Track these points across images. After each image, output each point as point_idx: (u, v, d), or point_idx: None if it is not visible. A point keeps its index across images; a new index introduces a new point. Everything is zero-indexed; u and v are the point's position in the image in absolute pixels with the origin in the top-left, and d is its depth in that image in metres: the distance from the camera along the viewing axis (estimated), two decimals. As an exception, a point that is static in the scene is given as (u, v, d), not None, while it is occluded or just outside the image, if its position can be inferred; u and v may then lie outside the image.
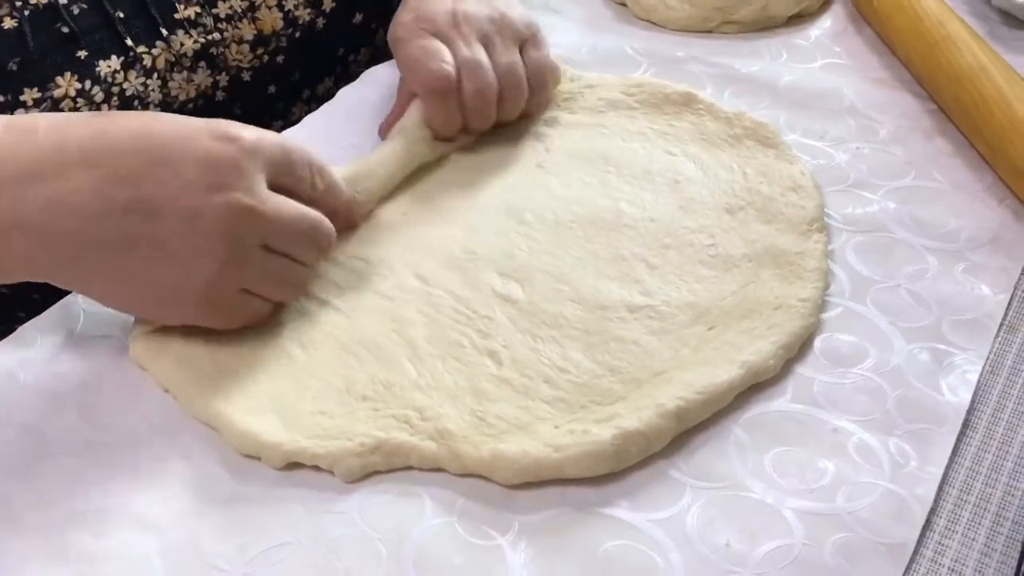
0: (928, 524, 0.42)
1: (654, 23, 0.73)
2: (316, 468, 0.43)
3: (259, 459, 0.43)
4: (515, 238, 0.52)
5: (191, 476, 0.43)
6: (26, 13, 0.55)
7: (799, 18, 0.74)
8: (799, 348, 0.48)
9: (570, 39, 0.71)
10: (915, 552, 0.41)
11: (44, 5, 0.55)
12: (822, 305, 0.50)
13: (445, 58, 0.56)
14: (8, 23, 0.54)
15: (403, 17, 0.59)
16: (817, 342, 0.49)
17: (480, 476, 0.43)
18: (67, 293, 0.50)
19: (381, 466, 0.43)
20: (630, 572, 0.40)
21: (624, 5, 0.75)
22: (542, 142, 0.60)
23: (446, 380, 0.45)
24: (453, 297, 0.49)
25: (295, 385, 0.45)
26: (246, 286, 0.46)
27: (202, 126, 0.44)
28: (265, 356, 0.46)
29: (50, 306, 0.50)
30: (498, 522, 0.41)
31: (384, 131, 0.59)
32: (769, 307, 0.49)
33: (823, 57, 0.70)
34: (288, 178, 0.47)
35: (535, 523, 0.41)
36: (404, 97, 0.59)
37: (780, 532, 0.41)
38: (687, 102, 0.61)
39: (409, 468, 0.43)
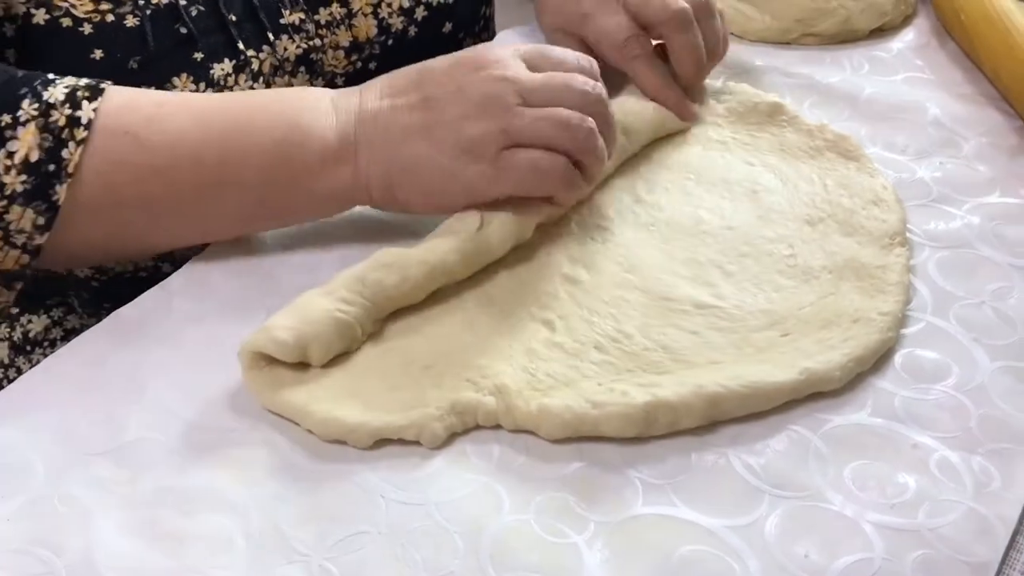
0: (1016, 545, 0.41)
1: (732, 34, 0.73)
2: (401, 442, 0.44)
3: (344, 443, 0.44)
4: (592, 231, 0.53)
5: (274, 462, 0.44)
6: (148, 12, 0.56)
7: (881, 31, 0.74)
8: (879, 362, 0.48)
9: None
10: (998, 572, 0.40)
11: (165, 5, 0.56)
12: (903, 320, 0.50)
13: None
14: (131, 21, 0.55)
15: None
16: (898, 357, 0.49)
17: (530, 432, 0.44)
18: (154, 283, 0.52)
19: (459, 427, 0.44)
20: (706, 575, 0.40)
21: (702, 15, 0.75)
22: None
23: (500, 343, 0.47)
24: (517, 278, 0.50)
25: (363, 369, 0.46)
26: (516, 139, 0.49)
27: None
28: None
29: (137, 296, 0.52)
30: (575, 521, 0.42)
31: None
32: (848, 319, 0.48)
33: (906, 70, 0.69)
34: (549, 64, 0.51)
35: (612, 524, 0.42)
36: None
37: (860, 545, 0.41)
38: (773, 113, 0.61)
39: (478, 428, 0.45)
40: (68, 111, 0.48)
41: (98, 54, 0.55)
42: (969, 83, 0.68)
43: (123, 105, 0.50)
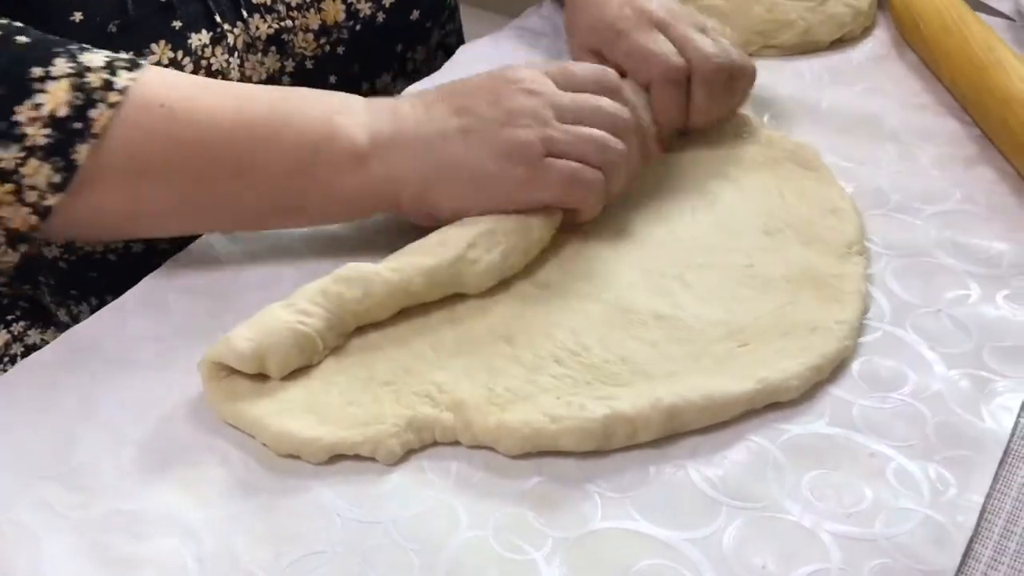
0: (972, 553, 0.42)
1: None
2: (358, 458, 0.44)
3: (298, 458, 0.44)
4: (552, 244, 0.53)
5: (228, 481, 0.43)
6: None
7: (841, 42, 0.74)
8: (837, 371, 0.48)
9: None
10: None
11: None
12: (861, 329, 0.50)
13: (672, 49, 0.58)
14: None
15: (620, 11, 0.60)
16: (855, 365, 0.49)
17: (489, 448, 0.44)
18: (125, 265, 0.51)
19: (415, 443, 0.44)
20: (664, 591, 0.40)
21: (665, 28, 0.76)
22: None
23: (460, 360, 0.47)
24: (481, 297, 0.50)
25: (322, 384, 0.46)
26: (554, 150, 0.50)
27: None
28: None
29: (98, 310, 0.51)
30: (533, 536, 0.41)
31: None
32: (806, 329, 0.48)
33: (865, 81, 0.69)
34: (572, 82, 0.52)
35: (570, 539, 0.41)
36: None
37: (817, 555, 0.41)
38: (736, 125, 0.61)
39: (435, 444, 0.45)
40: (105, 75, 0.48)
41: (78, 16, 0.55)
42: (927, 92, 0.68)
43: (162, 81, 0.50)
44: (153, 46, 0.57)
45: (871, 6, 0.76)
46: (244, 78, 0.62)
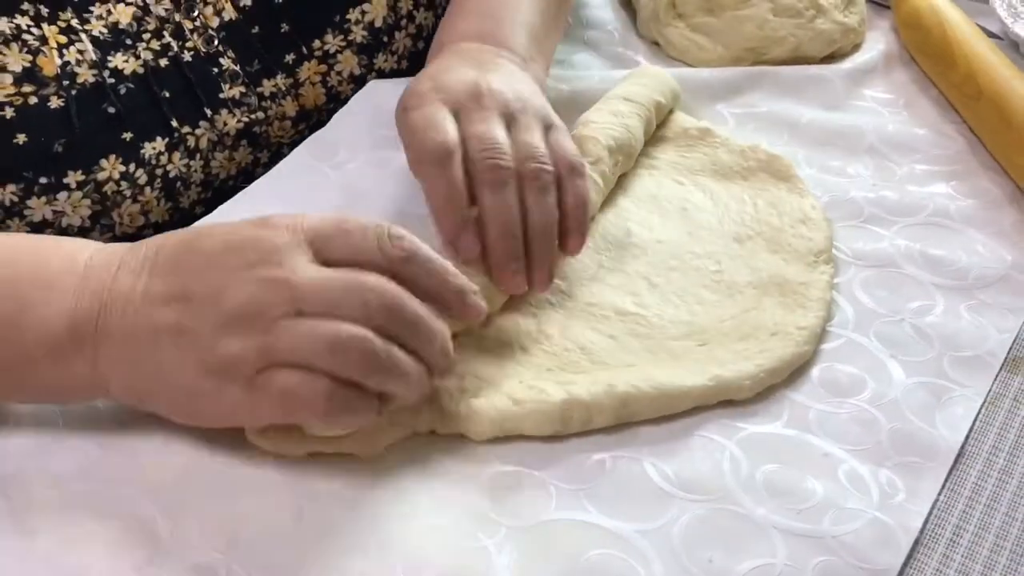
0: (923, 552, 0.43)
1: (686, 63, 0.74)
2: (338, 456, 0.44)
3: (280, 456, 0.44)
4: None
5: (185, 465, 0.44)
6: (73, 93, 0.53)
7: (830, 58, 0.75)
8: (797, 376, 0.49)
9: (603, 76, 0.72)
10: (908, 579, 0.41)
11: (91, 85, 0.54)
12: (823, 336, 0.51)
13: (450, 129, 0.49)
14: (55, 103, 0.53)
15: (419, 86, 0.53)
16: (816, 371, 0.50)
17: (460, 435, 0.46)
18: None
19: (396, 435, 0.45)
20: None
21: (657, 44, 0.77)
22: None
23: None
24: None
25: None
26: (274, 360, 0.40)
27: (246, 220, 0.44)
28: None
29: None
30: (488, 525, 0.43)
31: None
32: (766, 333, 0.49)
33: (848, 96, 0.70)
34: (343, 249, 0.42)
35: (523, 528, 0.42)
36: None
37: (764, 551, 0.42)
38: (703, 136, 0.62)
39: (416, 435, 0.46)
40: None
41: (21, 139, 0.52)
42: (909, 108, 0.69)
43: None
44: (103, 162, 0.55)
45: (860, 23, 0.77)
46: (210, 177, 0.60)
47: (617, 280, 0.52)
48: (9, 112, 0.52)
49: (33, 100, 0.53)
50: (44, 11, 0.54)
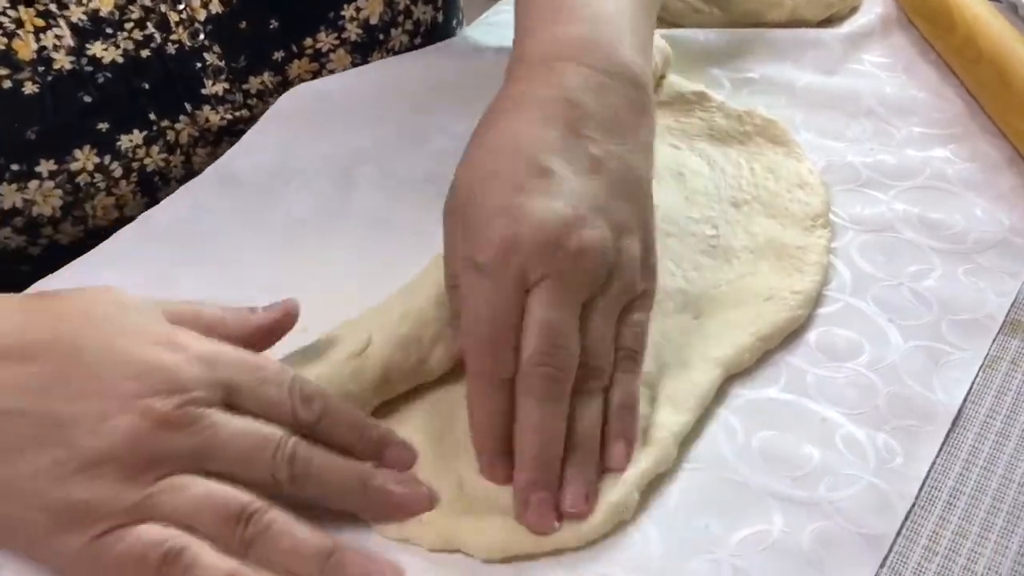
0: (919, 515, 0.42)
1: (682, 26, 0.73)
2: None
3: None
4: None
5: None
6: (49, 79, 0.52)
7: (827, 21, 0.74)
8: (794, 340, 0.49)
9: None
10: (909, 541, 0.41)
11: (68, 72, 0.52)
12: (820, 300, 0.51)
13: (511, 318, 0.40)
14: (29, 88, 0.51)
15: (479, 188, 0.41)
16: (812, 335, 0.49)
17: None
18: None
19: None
20: (607, 547, 0.40)
21: (652, 6, 0.76)
22: None
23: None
24: None
25: None
26: (150, 514, 0.35)
27: (153, 329, 0.37)
28: None
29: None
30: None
31: None
32: (760, 298, 0.49)
33: (846, 59, 0.69)
34: (252, 401, 0.38)
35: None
36: None
37: (759, 517, 0.42)
38: (699, 100, 0.62)
39: None
40: None
41: None
42: (907, 72, 0.68)
43: None
44: (77, 152, 0.53)
45: (858, -15, 0.76)
46: (191, 174, 0.57)
47: None
48: None
49: (7, 84, 0.51)
50: None
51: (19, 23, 0.51)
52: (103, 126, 0.54)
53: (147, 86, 0.55)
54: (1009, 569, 0.41)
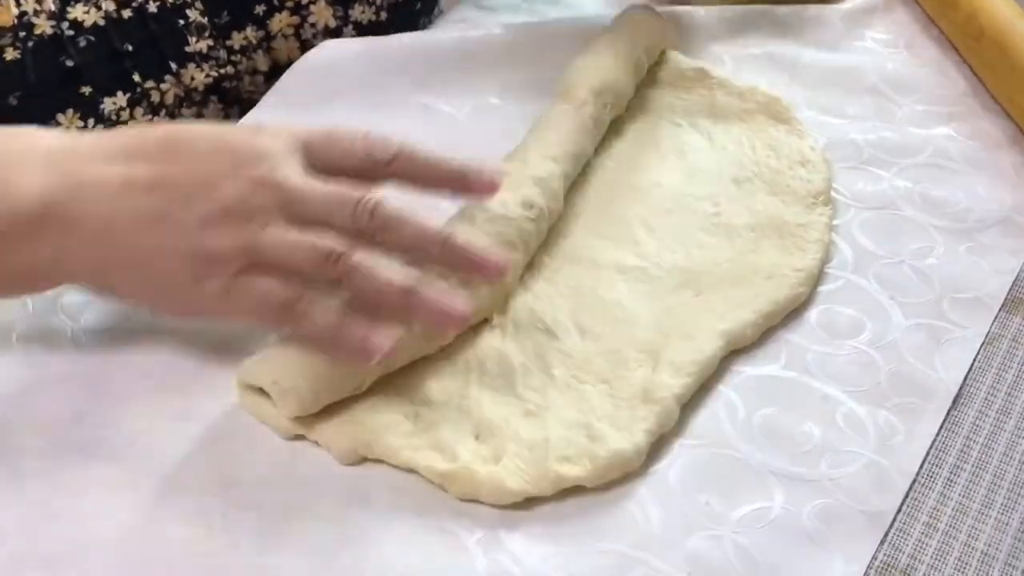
0: (920, 491, 0.43)
1: (683, 2, 0.73)
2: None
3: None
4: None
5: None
6: (29, 45, 0.52)
7: (830, -2, 0.74)
8: (795, 318, 0.49)
9: (597, 13, 0.71)
10: (910, 518, 0.42)
11: (49, 37, 0.52)
12: (821, 277, 0.51)
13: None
14: (10, 54, 0.52)
15: None
16: (814, 313, 0.49)
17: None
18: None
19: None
20: (608, 524, 0.40)
21: (654, -18, 0.75)
22: None
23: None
24: None
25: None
26: (257, 260, 0.41)
27: (239, 125, 0.43)
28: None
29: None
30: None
31: None
32: (762, 276, 0.49)
33: (848, 36, 0.69)
34: (334, 152, 0.43)
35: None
36: None
37: (760, 494, 0.42)
38: (700, 78, 0.61)
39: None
40: None
41: None
42: (910, 49, 0.68)
43: None
44: (60, 116, 0.53)
45: (860, -39, 0.75)
46: None
47: (615, 230, 0.51)
48: None
49: None
50: None
51: None
52: (86, 90, 0.54)
53: (130, 47, 0.55)
54: (1009, 545, 0.41)
